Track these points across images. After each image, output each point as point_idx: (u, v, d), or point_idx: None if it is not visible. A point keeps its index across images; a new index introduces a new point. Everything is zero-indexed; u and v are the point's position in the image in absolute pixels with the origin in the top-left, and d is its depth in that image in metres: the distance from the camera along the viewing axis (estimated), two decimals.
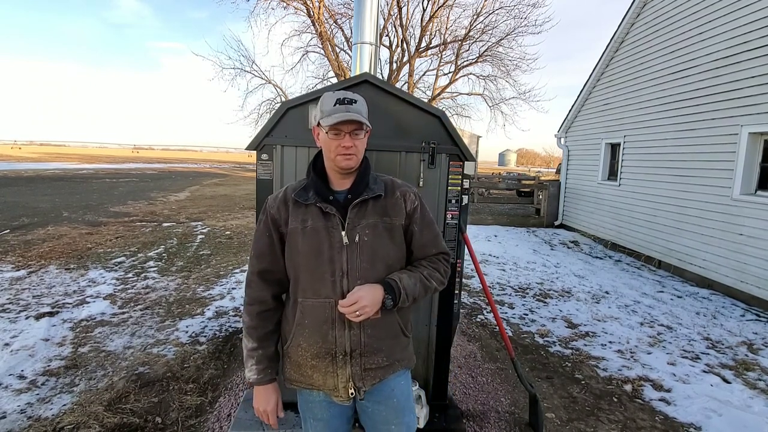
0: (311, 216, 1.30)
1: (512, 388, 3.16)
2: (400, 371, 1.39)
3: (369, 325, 1.29)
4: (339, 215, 1.29)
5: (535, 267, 6.80)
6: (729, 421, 2.80)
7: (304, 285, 1.30)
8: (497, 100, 16.00)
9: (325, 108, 1.28)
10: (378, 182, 1.37)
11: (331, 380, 1.30)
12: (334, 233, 1.28)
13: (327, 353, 1.28)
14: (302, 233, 1.29)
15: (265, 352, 1.35)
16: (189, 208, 11.87)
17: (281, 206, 1.34)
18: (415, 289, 1.30)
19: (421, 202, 1.41)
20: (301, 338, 1.31)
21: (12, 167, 24.64)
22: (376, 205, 1.32)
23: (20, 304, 4.28)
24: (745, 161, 5.54)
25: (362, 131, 1.30)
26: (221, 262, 6.27)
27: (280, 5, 13.48)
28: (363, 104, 1.32)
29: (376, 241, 1.29)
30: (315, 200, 1.30)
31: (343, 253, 1.27)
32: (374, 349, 1.30)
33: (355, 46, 2.97)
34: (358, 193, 1.32)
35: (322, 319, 1.28)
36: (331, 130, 1.26)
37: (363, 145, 1.32)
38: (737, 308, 5.22)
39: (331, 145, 1.28)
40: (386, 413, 1.39)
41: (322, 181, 1.34)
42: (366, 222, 1.29)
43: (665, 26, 7.23)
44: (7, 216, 8.97)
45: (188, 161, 54.37)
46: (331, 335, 1.28)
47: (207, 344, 3.60)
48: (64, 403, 2.68)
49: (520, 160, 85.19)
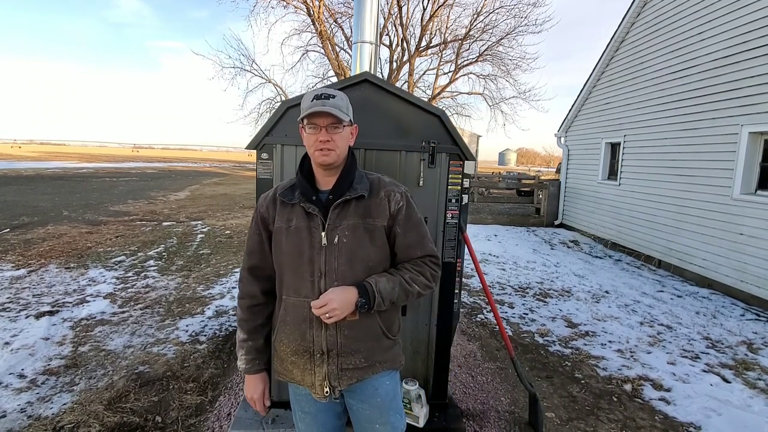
0: (296, 215, 1.32)
1: (512, 387, 3.16)
2: (384, 372, 1.38)
3: (346, 327, 1.29)
4: (321, 215, 1.29)
5: (535, 266, 6.81)
6: (729, 420, 2.80)
7: (287, 283, 1.33)
8: (497, 100, 16.03)
9: (304, 105, 1.30)
10: (363, 181, 1.35)
11: (309, 377, 1.33)
12: (315, 234, 1.29)
13: (305, 351, 1.31)
14: (286, 233, 1.32)
15: (254, 344, 1.42)
16: (189, 207, 11.87)
17: (270, 205, 1.38)
18: (393, 293, 1.29)
19: (407, 202, 1.38)
20: (283, 334, 1.35)
21: (12, 166, 24.64)
22: (359, 206, 1.32)
23: (20, 303, 4.28)
24: (746, 161, 5.54)
25: (341, 126, 1.29)
26: (221, 261, 6.27)
27: (280, 4, 13.49)
28: (342, 99, 1.31)
29: (356, 243, 1.29)
30: (299, 200, 1.32)
31: (322, 254, 1.28)
32: (351, 350, 1.31)
33: (355, 45, 2.97)
34: (340, 193, 1.31)
35: (301, 317, 1.30)
36: (308, 124, 1.28)
37: (343, 141, 1.31)
38: (737, 308, 5.22)
39: (310, 140, 1.29)
40: (370, 412, 1.40)
41: (307, 181, 1.35)
42: (346, 223, 1.29)
43: (665, 26, 7.23)
44: (7, 215, 8.97)
45: (188, 160, 54.37)
46: (309, 334, 1.30)
47: (207, 343, 3.60)
48: (64, 402, 2.68)
49: (520, 160, 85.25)
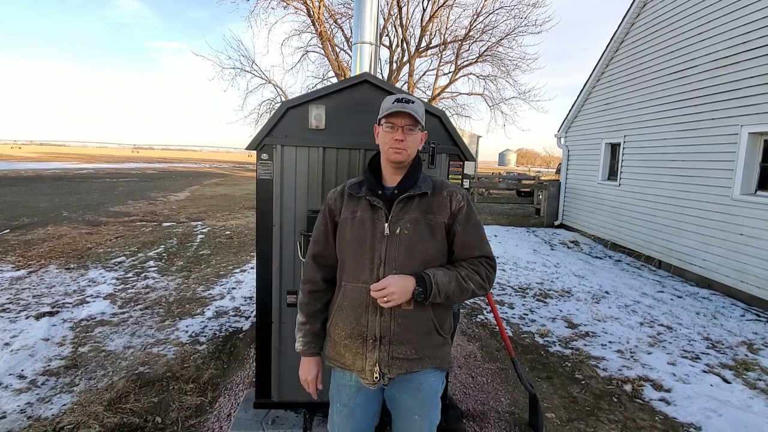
0: (361, 207, 1.42)
1: (512, 388, 3.16)
2: (431, 369, 1.43)
3: (400, 315, 1.35)
4: (385, 208, 1.39)
5: (535, 267, 6.80)
6: (729, 421, 2.80)
7: (348, 269, 1.42)
8: (497, 100, 16.02)
9: (385, 106, 1.42)
10: (427, 181, 1.45)
11: (360, 361, 1.38)
12: (378, 224, 1.38)
13: (359, 335, 1.38)
14: (351, 223, 1.41)
15: (311, 328, 1.50)
16: (189, 207, 11.87)
17: (338, 198, 1.49)
18: (449, 287, 1.34)
19: (468, 203, 1.44)
20: (339, 318, 1.42)
21: (12, 167, 24.65)
22: (421, 202, 1.40)
23: (20, 303, 4.28)
24: (745, 161, 5.54)
25: (416, 129, 1.40)
26: (221, 262, 6.27)
27: (280, 5, 13.48)
28: (420, 107, 1.42)
29: (416, 236, 1.36)
30: (366, 193, 1.42)
31: (384, 242, 1.36)
32: (403, 340, 1.36)
33: (355, 45, 2.98)
34: (405, 189, 1.41)
35: (357, 302, 1.38)
36: (386, 122, 1.39)
37: (414, 143, 1.42)
38: (737, 308, 5.22)
39: (386, 138, 1.40)
40: (411, 403, 1.44)
41: (374, 177, 1.46)
42: (409, 216, 1.38)
43: (665, 26, 7.23)
44: (7, 216, 8.98)
45: (188, 161, 54.38)
46: (364, 319, 1.37)
47: (207, 344, 3.60)
48: (64, 403, 2.68)
49: (520, 160, 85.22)
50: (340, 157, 2.30)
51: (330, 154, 2.29)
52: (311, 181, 2.31)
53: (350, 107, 2.26)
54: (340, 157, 2.30)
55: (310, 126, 2.25)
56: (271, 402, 2.47)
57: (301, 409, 2.47)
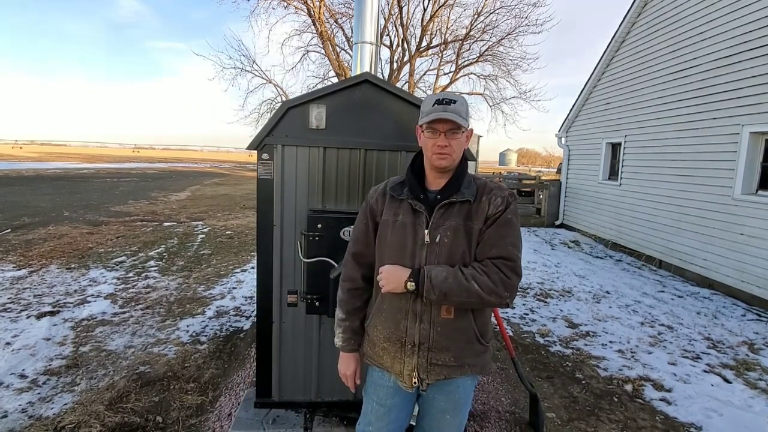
0: (402, 211, 1.39)
1: (513, 387, 3.16)
2: (470, 375, 1.42)
3: (440, 323, 1.34)
4: (426, 213, 1.35)
5: (535, 267, 6.80)
6: (729, 420, 2.80)
7: None
8: (498, 100, 16.01)
9: (425, 108, 1.34)
10: (471, 186, 1.37)
11: (398, 365, 1.39)
12: (419, 230, 1.35)
13: (397, 340, 1.38)
14: (392, 226, 1.39)
15: (351, 325, 1.50)
16: (190, 207, 11.88)
17: (380, 198, 1.46)
18: (445, 283, 1.24)
19: (507, 207, 1.34)
20: (378, 321, 1.42)
21: (13, 167, 24.67)
22: (462, 209, 1.35)
23: (21, 303, 4.28)
24: (746, 161, 5.54)
25: (459, 132, 1.33)
26: (222, 262, 6.27)
27: (280, 5, 13.49)
28: (462, 105, 1.33)
29: (455, 243, 1.33)
30: (408, 196, 1.38)
31: (424, 250, 1.34)
32: (442, 347, 1.35)
33: (355, 45, 2.97)
34: (448, 195, 1.35)
35: (397, 307, 1.37)
36: (427, 128, 1.33)
37: (460, 146, 1.35)
38: (738, 308, 5.21)
39: (428, 144, 1.34)
40: (445, 404, 1.45)
41: (416, 179, 1.41)
42: (449, 224, 1.33)
43: (666, 26, 7.22)
44: (8, 215, 8.99)
45: (189, 161, 54.42)
46: (403, 325, 1.36)
47: (208, 344, 3.61)
48: (65, 403, 2.68)
49: (520, 160, 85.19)
50: (341, 157, 2.30)
51: (330, 154, 2.29)
52: (312, 180, 2.31)
53: (351, 107, 2.26)
54: (341, 156, 2.30)
55: (310, 126, 2.25)
56: (271, 401, 2.47)
57: (302, 409, 2.48)
